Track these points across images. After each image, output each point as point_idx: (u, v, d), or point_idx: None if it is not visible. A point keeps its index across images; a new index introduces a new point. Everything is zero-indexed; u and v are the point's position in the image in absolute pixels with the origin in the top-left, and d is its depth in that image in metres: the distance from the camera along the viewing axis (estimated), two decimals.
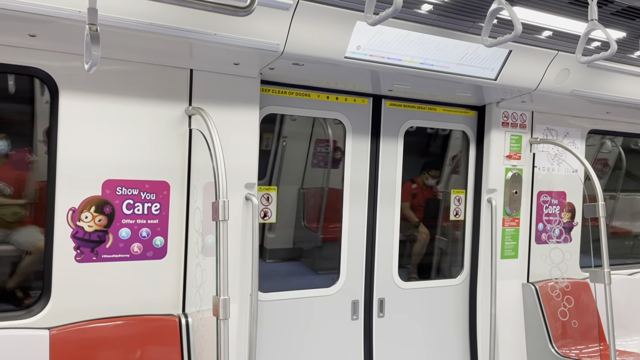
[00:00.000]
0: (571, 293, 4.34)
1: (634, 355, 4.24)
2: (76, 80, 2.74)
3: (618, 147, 6.07)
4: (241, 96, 3.16)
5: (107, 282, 2.86)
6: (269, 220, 3.67)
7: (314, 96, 3.71)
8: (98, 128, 2.81)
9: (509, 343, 4.24)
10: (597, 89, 4.00)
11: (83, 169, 2.79)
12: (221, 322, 2.44)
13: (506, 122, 4.23)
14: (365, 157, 3.91)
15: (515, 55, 3.48)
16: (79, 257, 2.80)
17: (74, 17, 2.33)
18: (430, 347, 4.22)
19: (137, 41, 2.65)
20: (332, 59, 3.06)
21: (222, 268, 2.45)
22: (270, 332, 3.58)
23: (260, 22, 2.72)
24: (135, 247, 2.93)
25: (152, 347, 2.87)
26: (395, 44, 3.17)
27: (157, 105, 2.95)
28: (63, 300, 2.77)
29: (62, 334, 2.70)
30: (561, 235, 4.53)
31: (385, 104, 3.97)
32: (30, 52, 2.66)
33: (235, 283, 3.11)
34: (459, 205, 4.36)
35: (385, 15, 2.25)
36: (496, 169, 4.20)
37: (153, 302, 2.96)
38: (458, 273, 4.36)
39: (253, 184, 3.23)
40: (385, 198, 3.98)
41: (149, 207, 2.95)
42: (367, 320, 3.96)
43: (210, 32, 2.64)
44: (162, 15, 2.52)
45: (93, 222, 2.82)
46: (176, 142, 3.01)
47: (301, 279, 4.56)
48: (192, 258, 3.03)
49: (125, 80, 2.87)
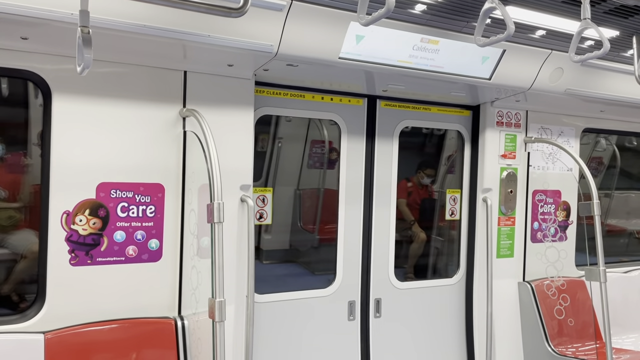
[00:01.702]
0: (567, 291, 4.35)
1: (630, 353, 4.25)
2: (69, 83, 2.73)
3: (612, 146, 6.09)
4: (235, 98, 3.16)
5: (102, 286, 2.85)
6: (264, 222, 3.67)
7: (308, 97, 3.71)
8: (92, 131, 2.80)
9: (506, 342, 4.24)
10: (591, 87, 4.01)
11: (77, 172, 2.77)
12: (217, 325, 2.44)
13: (501, 121, 4.23)
14: (360, 158, 3.90)
15: (509, 55, 3.49)
16: (74, 261, 2.78)
17: (66, 19, 2.31)
18: (427, 346, 4.22)
19: (130, 43, 2.64)
20: (326, 59, 3.06)
21: (217, 270, 2.44)
22: (266, 333, 3.58)
23: (253, 23, 2.72)
24: (130, 250, 2.92)
25: (148, 351, 2.86)
26: (390, 44, 3.17)
27: (151, 107, 2.94)
28: (58, 304, 2.76)
29: (57, 338, 2.68)
30: (556, 233, 4.54)
31: (380, 105, 3.97)
32: (22, 54, 2.65)
33: (231, 285, 3.10)
34: (454, 205, 4.37)
35: (378, 16, 2.25)
36: (491, 168, 4.21)
37: (149, 305, 2.95)
38: (454, 273, 4.37)
39: (248, 185, 3.22)
40: (381, 198, 3.98)
41: (143, 209, 2.94)
42: (364, 321, 3.96)
43: (204, 33, 2.64)
44: (155, 17, 2.51)
45: (87, 225, 2.81)
46: (170, 144, 3.00)
47: (297, 280, 4.55)
48: (187, 260, 3.02)
49: (118, 83, 2.86)
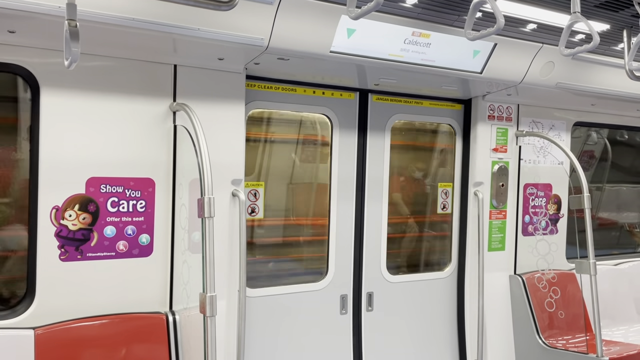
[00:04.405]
0: (557, 284, 4.38)
1: (620, 345, 4.29)
2: (57, 77, 2.70)
3: (604, 139, 6.11)
4: (226, 92, 3.14)
5: (93, 281, 2.84)
6: (256, 217, 3.66)
7: (300, 91, 3.70)
8: (81, 125, 2.78)
9: (497, 335, 4.27)
10: (582, 81, 4.03)
11: (66, 167, 2.75)
12: (208, 319, 2.43)
13: (492, 115, 4.24)
14: (352, 152, 3.91)
15: (500, 49, 3.49)
16: (64, 256, 2.77)
17: (54, 12, 2.29)
18: (419, 340, 4.24)
19: (119, 37, 2.62)
20: (318, 53, 3.05)
21: (208, 265, 2.44)
22: (258, 328, 3.58)
23: (244, 16, 2.70)
24: (120, 245, 2.90)
25: (139, 346, 2.86)
26: (381, 38, 3.16)
27: (140, 101, 2.92)
28: (48, 299, 2.74)
29: (47, 333, 2.67)
30: (547, 227, 4.57)
31: (372, 98, 3.97)
32: (9, 48, 2.62)
33: (222, 280, 3.09)
34: (446, 199, 4.38)
35: (367, 9, 2.24)
36: (483, 162, 4.22)
37: (140, 300, 2.95)
38: (446, 266, 4.39)
39: (240, 179, 3.22)
40: (373, 192, 3.98)
41: (134, 204, 2.93)
42: (356, 315, 3.97)
43: (194, 27, 2.62)
44: (144, 10, 2.49)
45: (77, 220, 2.79)
46: (161, 139, 2.99)
47: (289, 274, 4.55)
48: (178, 255, 3.01)
49: (107, 77, 2.83)
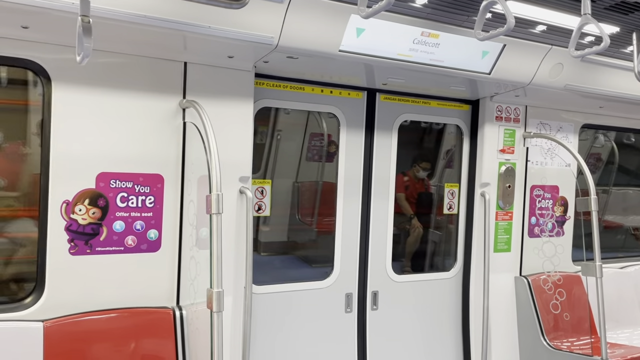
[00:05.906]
0: (563, 286, 4.38)
1: (625, 348, 4.28)
2: (69, 73, 2.73)
3: (611, 142, 6.09)
4: (235, 89, 3.16)
5: (101, 275, 2.87)
6: (263, 214, 3.68)
7: (308, 90, 3.71)
8: (91, 121, 2.80)
9: (501, 336, 4.27)
10: (590, 83, 4.01)
11: (76, 162, 2.78)
12: (215, 315, 2.45)
13: (500, 116, 4.24)
14: (359, 151, 3.91)
15: (509, 50, 3.49)
16: (73, 250, 2.80)
17: (67, 8, 2.31)
18: (423, 339, 4.25)
19: (130, 33, 2.64)
20: (327, 52, 3.06)
21: (216, 261, 2.45)
22: (264, 324, 3.60)
23: (254, 15, 2.71)
24: (129, 240, 2.93)
25: (147, 340, 2.88)
26: (390, 37, 3.17)
27: (151, 98, 2.94)
28: (57, 292, 2.77)
29: (56, 326, 2.70)
30: (554, 229, 4.56)
31: (380, 98, 3.97)
32: (23, 43, 2.65)
33: (229, 276, 3.11)
34: (452, 199, 4.38)
35: (379, 8, 2.25)
36: (490, 163, 4.22)
37: (147, 294, 2.97)
38: (451, 266, 4.39)
39: (247, 177, 3.23)
40: (379, 191, 3.99)
41: (143, 200, 2.95)
42: (361, 313, 3.98)
43: (205, 24, 2.63)
44: (156, 8, 2.51)
45: (87, 214, 2.82)
46: (170, 135, 3.01)
47: (295, 272, 4.57)
48: (186, 251, 3.03)
49: (119, 73, 2.86)
